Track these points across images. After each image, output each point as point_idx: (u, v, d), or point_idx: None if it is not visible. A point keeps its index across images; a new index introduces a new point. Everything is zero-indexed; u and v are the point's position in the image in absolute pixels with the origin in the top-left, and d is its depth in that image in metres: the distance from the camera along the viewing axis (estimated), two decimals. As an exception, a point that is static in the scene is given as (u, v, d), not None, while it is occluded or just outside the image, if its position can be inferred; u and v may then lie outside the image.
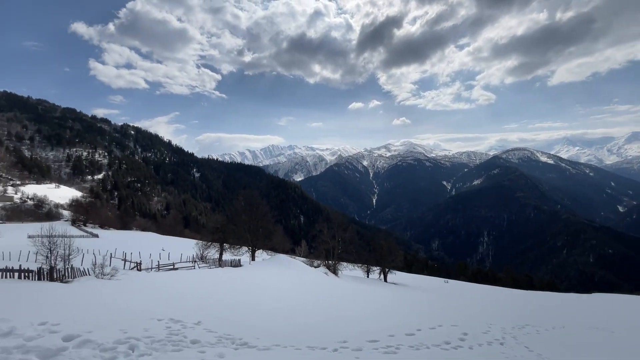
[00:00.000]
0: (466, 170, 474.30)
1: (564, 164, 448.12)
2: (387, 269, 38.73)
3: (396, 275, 42.74)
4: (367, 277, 38.70)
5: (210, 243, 34.26)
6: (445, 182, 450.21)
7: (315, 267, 33.03)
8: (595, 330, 14.08)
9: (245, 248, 36.28)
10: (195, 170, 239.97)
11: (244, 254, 36.43)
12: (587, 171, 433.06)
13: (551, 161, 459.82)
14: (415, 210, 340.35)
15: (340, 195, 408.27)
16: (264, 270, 25.32)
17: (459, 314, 15.87)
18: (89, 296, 11.15)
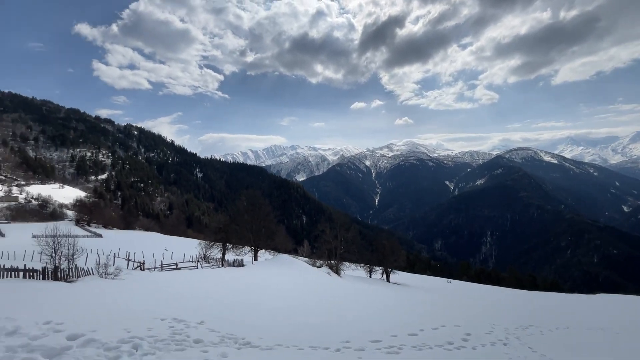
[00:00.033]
0: (469, 170, 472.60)
1: (567, 164, 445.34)
2: (389, 269, 38.63)
3: (399, 275, 42.61)
4: (370, 277, 38.65)
5: (212, 243, 34.32)
6: (448, 182, 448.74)
7: (318, 267, 33.01)
8: (600, 331, 13.98)
9: (247, 248, 36.36)
10: (198, 170, 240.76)
11: (246, 254, 36.50)
12: (591, 171, 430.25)
13: (555, 161, 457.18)
14: (417, 210, 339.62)
15: (343, 195, 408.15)
16: (267, 270, 25.36)
17: (462, 314, 15.83)
18: (92, 296, 11.21)
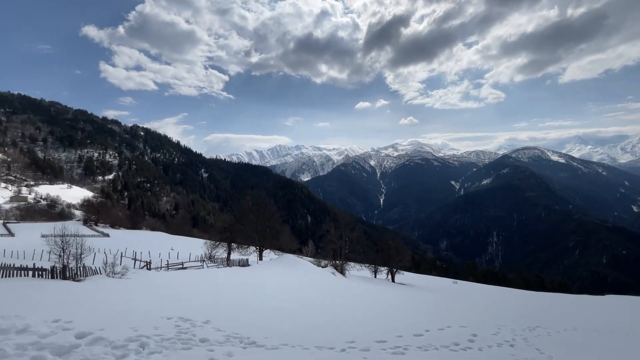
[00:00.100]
0: (475, 169, 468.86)
1: (575, 163, 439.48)
2: (394, 269, 38.51)
3: (404, 276, 42.47)
4: (375, 277, 38.56)
5: (218, 243, 34.49)
6: (453, 182, 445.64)
7: (323, 267, 33.05)
8: (609, 333, 13.79)
9: (252, 248, 36.49)
10: (203, 170, 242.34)
11: (251, 254, 36.64)
12: (600, 170, 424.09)
13: (562, 160, 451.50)
14: (423, 210, 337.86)
15: (347, 195, 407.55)
16: (272, 270, 25.42)
17: (468, 314, 15.71)
18: (100, 294, 11.34)
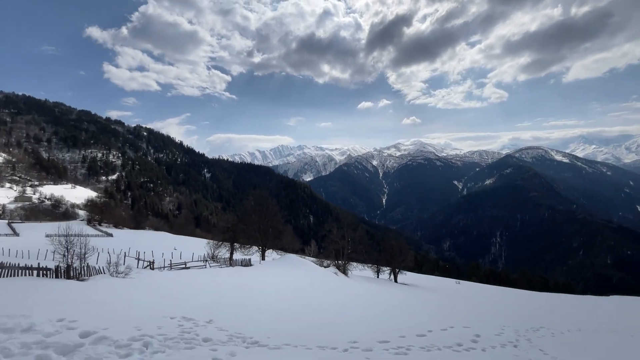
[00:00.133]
0: (478, 169, 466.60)
1: (579, 163, 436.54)
2: (397, 270, 38.40)
3: (406, 276, 42.33)
4: (377, 277, 38.47)
5: (221, 242, 34.61)
6: (456, 182, 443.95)
7: (325, 267, 33.01)
8: (613, 334, 13.69)
9: (255, 248, 36.55)
10: (206, 170, 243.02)
11: (254, 254, 36.69)
12: (605, 170, 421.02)
13: (566, 160, 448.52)
14: (425, 210, 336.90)
15: (350, 195, 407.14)
16: (274, 270, 25.45)
17: (471, 315, 15.65)
18: (104, 294, 11.41)
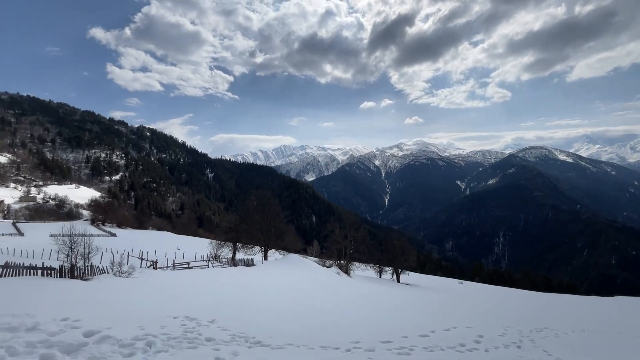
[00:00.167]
0: (481, 169, 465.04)
1: (583, 163, 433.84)
2: (399, 270, 38.33)
3: (409, 276, 42.25)
4: (380, 277, 38.44)
5: (223, 242, 34.66)
6: (459, 182, 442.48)
7: (328, 267, 33.01)
8: (618, 334, 13.59)
9: (257, 247, 36.65)
10: (208, 170, 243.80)
11: (256, 254, 36.78)
12: (609, 170, 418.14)
13: (570, 160, 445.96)
14: (428, 210, 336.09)
15: (352, 195, 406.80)
16: (277, 270, 25.48)
17: (474, 315, 15.59)
18: (107, 293, 11.47)
